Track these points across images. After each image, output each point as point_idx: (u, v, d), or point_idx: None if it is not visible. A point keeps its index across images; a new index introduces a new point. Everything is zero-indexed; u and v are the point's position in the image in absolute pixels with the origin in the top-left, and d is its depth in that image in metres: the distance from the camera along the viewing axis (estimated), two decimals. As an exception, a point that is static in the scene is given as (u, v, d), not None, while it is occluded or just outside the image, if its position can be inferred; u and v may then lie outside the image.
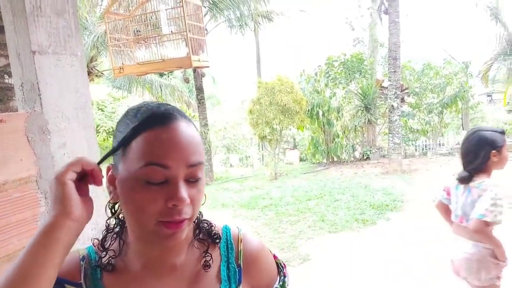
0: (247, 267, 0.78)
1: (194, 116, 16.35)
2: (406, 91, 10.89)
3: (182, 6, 2.55)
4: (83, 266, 0.71)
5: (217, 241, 0.78)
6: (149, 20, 3.61)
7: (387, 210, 6.48)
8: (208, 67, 2.78)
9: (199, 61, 2.70)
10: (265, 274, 0.81)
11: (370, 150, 10.85)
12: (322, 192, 7.79)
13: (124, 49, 3.51)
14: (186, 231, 0.66)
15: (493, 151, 2.08)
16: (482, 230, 2.02)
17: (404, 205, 6.69)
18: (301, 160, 14.57)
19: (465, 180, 2.16)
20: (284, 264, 0.85)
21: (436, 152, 10.82)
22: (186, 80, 11.53)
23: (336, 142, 11.01)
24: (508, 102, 13.18)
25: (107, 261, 0.71)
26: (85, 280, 0.70)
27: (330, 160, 11.25)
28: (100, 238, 0.74)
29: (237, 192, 8.89)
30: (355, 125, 10.87)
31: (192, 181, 0.65)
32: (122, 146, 0.64)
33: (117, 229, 0.73)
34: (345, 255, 4.83)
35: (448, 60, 11.36)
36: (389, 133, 9.20)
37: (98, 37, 9.60)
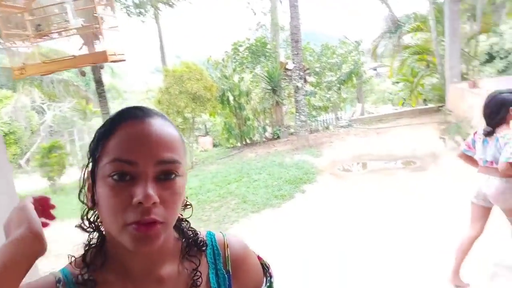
0: (236, 272, 0.76)
1: (95, 111, 15.25)
2: (308, 71, 11.59)
3: None
4: None
5: (203, 248, 0.75)
6: (52, 13, 3.24)
7: (301, 183, 6.93)
8: (124, 60, 2.63)
9: (115, 54, 2.53)
10: (253, 277, 0.80)
11: (279, 130, 11.38)
12: (241, 174, 8.00)
13: (23, 46, 3.10)
14: (162, 237, 0.62)
15: (511, 107, 2.70)
16: (509, 169, 2.60)
17: (316, 177, 7.23)
18: (214, 146, 14.66)
19: (489, 133, 2.77)
20: (268, 264, 0.85)
21: (337, 125, 11.79)
22: (82, 73, 10.58)
23: (248, 125, 11.31)
24: (394, 74, 14.85)
25: (88, 277, 0.66)
26: None
27: (244, 143, 11.54)
28: (78, 255, 0.70)
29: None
30: (264, 107, 11.26)
31: (164, 180, 0.61)
32: (96, 146, 0.62)
33: (95, 241, 0.70)
34: (270, 231, 5.09)
35: (342, 40, 12.34)
36: (296, 112, 9.74)
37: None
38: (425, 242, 3.99)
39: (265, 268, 0.83)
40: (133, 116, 0.62)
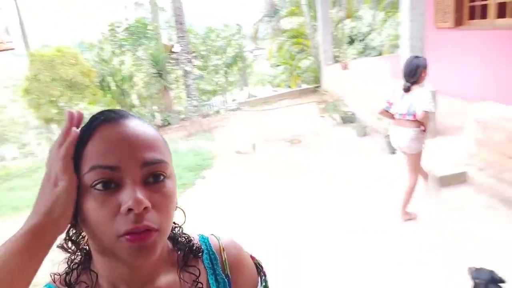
0: (234, 275, 0.75)
1: None
2: (194, 54, 11.40)
3: None
4: None
5: (200, 254, 0.72)
6: None
7: (200, 169, 6.90)
8: (13, 49, 2.11)
9: (3, 43, 2.02)
10: (249, 278, 0.79)
11: (170, 116, 11.04)
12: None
13: None
14: (159, 246, 0.57)
15: (424, 69, 3.40)
16: (426, 117, 3.40)
17: (214, 161, 7.28)
18: (96, 137, 13.45)
19: (407, 89, 3.45)
20: (261, 264, 0.84)
21: (227, 109, 11.99)
22: None
23: (134, 112, 10.65)
24: (273, 57, 15.64)
25: None
26: None
27: (132, 132, 10.87)
28: (61, 273, 0.63)
29: (30, 189, 7.55)
30: (151, 93, 10.74)
31: (152, 182, 0.56)
32: (75, 159, 0.56)
33: (79, 259, 0.64)
34: (178, 221, 4.96)
35: (226, 24, 12.42)
36: (187, 97, 9.57)
37: None
38: (320, 205, 4.43)
39: (258, 267, 0.82)
40: (107, 119, 0.57)
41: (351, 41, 19.70)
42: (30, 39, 12.66)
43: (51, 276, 0.63)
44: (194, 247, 0.72)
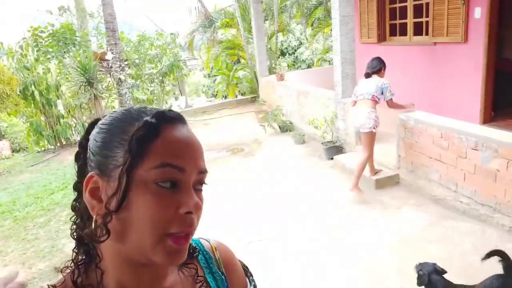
0: (228, 273, 0.77)
1: None
2: (126, 62, 10.97)
3: None
4: None
5: (195, 254, 0.74)
6: None
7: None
8: None
9: None
10: (241, 277, 0.81)
11: (102, 126, 10.46)
12: (65, 181, 7.00)
13: None
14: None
15: (383, 67, 4.58)
16: (392, 102, 4.47)
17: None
18: (15, 151, 12.25)
19: (368, 75, 4.56)
20: (246, 265, 0.86)
21: (163, 119, 11.69)
22: None
23: (62, 123, 9.92)
24: (211, 68, 15.65)
25: None
26: None
27: (59, 145, 10.09)
28: (66, 276, 0.62)
29: None
30: (81, 103, 10.08)
31: (199, 189, 0.60)
32: (139, 148, 0.54)
33: (83, 259, 0.62)
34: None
35: (159, 32, 12.16)
36: (121, 106, 9.15)
37: None
38: (267, 205, 4.53)
39: (245, 268, 0.85)
40: (171, 119, 0.59)
41: (282, 54, 20.56)
42: None
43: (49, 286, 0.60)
44: (191, 248, 0.73)
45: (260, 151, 7.58)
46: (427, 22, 5.91)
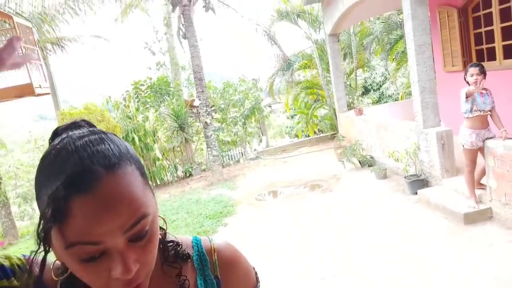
0: (225, 277, 0.74)
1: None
2: (213, 108, 11.91)
3: (15, 27, 2.19)
4: None
5: (189, 260, 0.73)
6: None
7: (222, 216, 6.97)
8: (49, 93, 2.40)
9: (40, 87, 2.30)
10: (244, 279, 0.78)
11: (191, 167, 11.32)
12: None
13: None
14: (148, 280, 0.60)
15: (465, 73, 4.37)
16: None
17: (235, 209, 7.35)
18: (120, 191, 13.77)
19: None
20: (255, 269, 0.83)
21: (246, 158, 12.22)
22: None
23: (157, 165, 11.00)
24: (290, 109, 16.11)
25: None
26: None
27: (155, 184, 11.13)
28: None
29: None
30: (173, 146, 11.13)
31: (136, 240, 0.56)
32: (46, 233, 0.53)
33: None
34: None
35: (241, 78, 13.07)
36: (208, 148, 9.86)
37: None
38: (348, 249, 4.39)
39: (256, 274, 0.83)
40: (79, 189, 0.51)
41: (367, 91, 20.23)
42: (60, 100, 13.56)
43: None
44: (181, 254, 0.72)
45: (338, 187, 7.44)
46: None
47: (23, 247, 8.23)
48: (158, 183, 11.18)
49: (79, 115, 9.09)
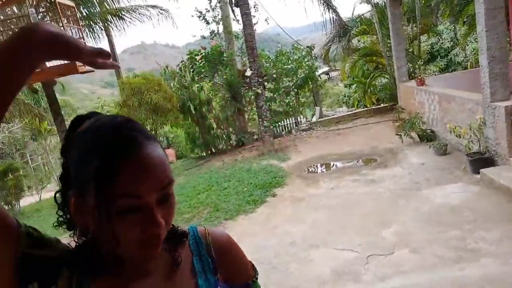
0: (220, 258, 0.81)
1: (50, 130, 14.49)
2: (265, 77, 11.80)
3: (57, 7, 2.30)
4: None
5: (184, 238, 0.80)
6: (18, 26, 3.09)
7: (271, 187, 7.05)
8: (93, 71, 2.54)
9: (84, 65, 2.44)
10: (239, 267, 0.85)
11: (244, 136, 11.48)
12: (210, 183, 7.98)
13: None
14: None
15: None
16: None
17: (285, 180, 7.38)
18: (178, 158, 14.47)
19: None
20: (252, 262, 0.91)
21: (298, 129, 12.11)
22: (35, 91, 10.12)
23: (212, 133, 11.30)
24: (347, 77, 15.49)
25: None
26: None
27: (209, 152, 11.50)
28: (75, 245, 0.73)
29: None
30: (227, 115, 11.32)
31: (164, 201, 0.65)
32: (100, 186, 0.60)
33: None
34: (247, 235, 5.14)
35: (295, 45, 12.72)
36: (259, 118, 9.90)
37: None
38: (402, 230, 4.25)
39: (253, 266, 0.89)
40: (127, 151, 0.61)
41: (433, 58, 18.72)
42: (121, 69, 14.23)
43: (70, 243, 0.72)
44: (178, 232, 0.79)
45: (394, 162, 7.13)
46: None
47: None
48: (213, 150, 11.52)
49: (138, 85, 9.51)
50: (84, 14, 10.53)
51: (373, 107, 12.44)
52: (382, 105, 12.51)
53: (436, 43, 18.39)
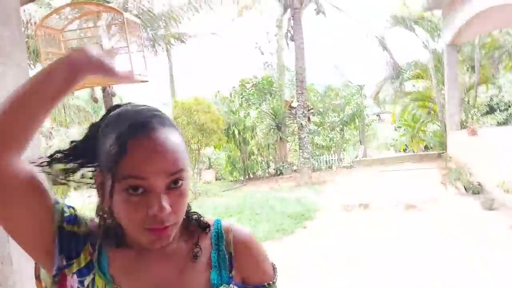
0: (239, 256, 0.80)
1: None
2: (312, 111, 11.92)
3: (124, 22, 2.61)
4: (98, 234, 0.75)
5: (207, 230, 0.81)
6: (86, 36, 3.52)
7: (303, 219, 6.97)
8: (147, 81, 2.81)
9: (140, 75, 2.71)
10: (256, 267, 0.83)
11: (283, 166, 11.53)
12: (243, 207, 8.05)
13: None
14: (173, 234, 0.69)
15: None
16: None
17: (317, 213, 7.28)
18: (217, 179, 14.75)
19: None
20: (275, 265, 0.88)
21: (339, 166, 11.95)
22: (95, 100, 10.94)
23: (252, 159, 11.49)
24: (396, 120, 15.19)
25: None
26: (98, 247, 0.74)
27: (247, 177, 11.65)
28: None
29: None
30: (269, 143, 11.49)
31: (174, 187, 0.66)
32: (113, 164, 0.64)
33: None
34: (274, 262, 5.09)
35: (346, 83, 12.79)
36: (300, 149, 9.94)
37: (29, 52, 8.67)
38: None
39: (273, 266, 0.87)
40: (140, 132, 0.65)
41: (491, 110, 17.83)
42: (176, 90, 15.03)
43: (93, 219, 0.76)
44: (202, 222, 0.80)
45: (434, 211, 6.79)
46: None
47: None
48: (251, 176, 11.66)
49: (189, 105, 10.00)
50: (149, 35, 11.43)
51: (420, 153, 12.03)
52: (430, 152, 12.06)
53: (496, 95, 17.59)
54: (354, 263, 4.80)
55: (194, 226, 0.80)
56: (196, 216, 0.81)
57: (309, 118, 11.01)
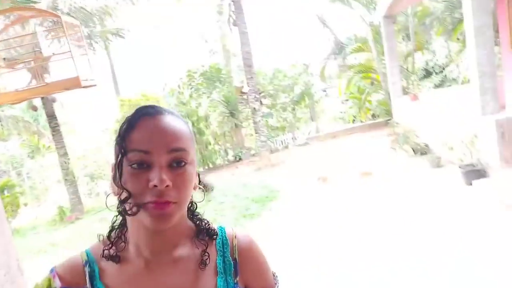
0: (242, 261, 0.83)
1: (49, 146, 14.59)
2: (262, 94, 12.00)
3: (63, 26, 2.44)
4: (87, 272, 0.76)
5: (214, 236, 0.83)
6: (22, 44, 3.23)
7: (267, 201, 7.10)
8: (95, 85, 2.66)
9: (87, 80, 2.57)
10: (258, 273, 0.86)
11: (241, 151, 11.58)
12: (206, 198, 8.00)
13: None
14: (176, 215, 0.71)
15: None
16: None
17: (281, 194, 7.44)
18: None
19: None
20: (275, 274, 0.92)
21: (295, 144, 12.22)
22: (34, 108, 10.22)
23: (209, 149, 11.40)
24: (342, 94, 15.72)
25: (114, 253, 0.76)
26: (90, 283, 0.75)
27: (207, 167, 11.57)
28: (106, 233, 0.80)
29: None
30: (224, 131, 11.45)
31: (176, 167, 0.70)
32: (123, 140, 0.70)
33: (119, 222, 0.80)
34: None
35: (292, 63, 12.98)
36: (256, 133, 10.03)
37: None
38: (396, 239, 4.31)
39: (273, 274, 0.91)
40: (146, 113, 0.72)
41: (427, 74, 18.99)
42: (120, 88, 14.43)
43: (98, 236, 0.79)
44: (210, 229, 0.83)
45: (389, 175, 7.21)
46: None
47: (89, 221, 9.03)
48: (210, 166, 11.60)
49: (138, 102, 9.67)
50: (86, 33, 10.80)
51: (369, 122, 12.60)
52: (377, 120, 12.67)
53: (431, 60, 18.71)
54: (323, 235, 5.01)
55: (203, 235, 0.82)
56: (205, 223, 0.85)
57: (261, 101, 11.08)
